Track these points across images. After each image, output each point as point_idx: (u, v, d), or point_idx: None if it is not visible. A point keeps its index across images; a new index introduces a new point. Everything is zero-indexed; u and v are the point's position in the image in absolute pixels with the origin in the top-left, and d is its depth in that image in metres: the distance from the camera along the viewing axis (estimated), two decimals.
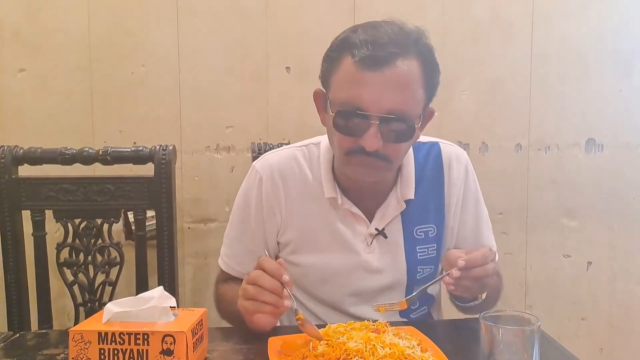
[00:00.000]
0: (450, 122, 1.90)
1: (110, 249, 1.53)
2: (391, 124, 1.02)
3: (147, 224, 1.53)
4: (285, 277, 0.97)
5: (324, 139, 1.20)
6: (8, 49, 1.81)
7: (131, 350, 0.85)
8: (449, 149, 1.24)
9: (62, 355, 0.98)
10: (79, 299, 1.54)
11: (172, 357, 0.85)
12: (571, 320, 1.97)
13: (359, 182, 1.14)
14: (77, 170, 1.52)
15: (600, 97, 1.92)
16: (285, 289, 0.98)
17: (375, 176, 1.10)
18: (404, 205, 1.18)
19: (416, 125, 1.06)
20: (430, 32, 1.82)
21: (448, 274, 0.99)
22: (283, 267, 0.99)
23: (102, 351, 0.86)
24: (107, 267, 1.53)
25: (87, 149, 1.49)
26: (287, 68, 1.85)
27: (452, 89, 1.89)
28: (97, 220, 1.52)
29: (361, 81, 1.01)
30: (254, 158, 1.47)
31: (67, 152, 1.49)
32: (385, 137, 1.03)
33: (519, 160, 1.93)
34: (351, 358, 0.87)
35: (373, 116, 1.01)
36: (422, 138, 1.23)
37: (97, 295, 1.54)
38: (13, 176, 1.48)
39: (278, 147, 1.37)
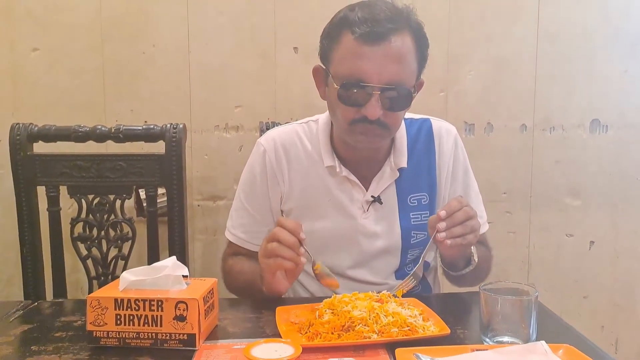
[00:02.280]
0: (456, 102, 1.92)
1: (123, 224, 1.57)
2: (390, 94, 1.11)
3: (157, 200, 1.57)
4: (302, 235, 1.04)
5: (321, 116, 1.30)
6: (22, 28, 1.84)
7: (146, 315, 0.90)
8: (440, 124, 1.32)
9: (79, 322, 1.03)
10: (93, 273, 1.58)
11: (184, 322, 0.89)
12: (573, 298, 2.00)
13: (357, 151, 1.22)
14: (89, 147, 1.55)
15: (606, 77, 1.93)
16: (302, 247, 1.04)
17: (376, 143, 1.18)
18: (398, 174, 1.25)
19: (413, 95, 1.14)
20: (437, 12, 1.86)
21: (437, 231, 1.04)
22: (300, 226, 1.06)
23: (118, 316, 0.90)
24: (119, 241, 1.57)
25: (100, 126, 1.53)
26: (295, 48, 1.87)
27: (458, 69, 1.91)
28: (109, 196, 1.56)
29: (362, 55, 1.09)
30: None
31: (80, 129, 1.52)
32: (385, 106, 1.11)
33: (523, 141, 1.95)
34: (355, 325, 0.91)
35: (375, 87, 1.09)
36: (415, 115, 1.32)
37: (110, 269, 1.58)
38: (28, 153, 1.52)
39: None
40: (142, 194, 1.78)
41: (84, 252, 1.57)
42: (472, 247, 1.15)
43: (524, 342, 0.87)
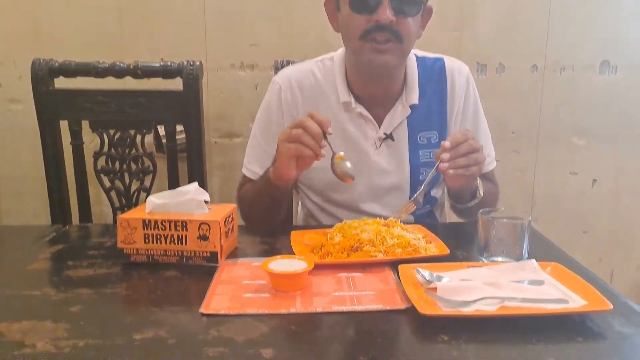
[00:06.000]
0: (469, 43, 1.94)
1: (144, 158, 1.64)
2: None
3: (176, 137, 1.63)
4: (330, 130, 1.07)
5: (336, 54, 1.32)
6: None
7: (172, 235, 0.98)
8: (452, 63, 1.34)
9: (109, 243, 1.12)
10: (117, 204, 1.67)
11: (207, 241, 0.97)
12: (573, 232, 2.08)
13: (371, 86, 1.25)
14: (108, 83, 1.59)
15: (618, 19, 1.93)
16: (325, 140, 1.07)
17: (388, 61, 1.18)
18: (409, 110, 1.28)
19: (422, 3, 1.18)
20: None
21: (441, 161, 1.08)
22: (329, 121, 1.08)
23: (146, 236, 0.99)
24: (141, 174, 1.64)
25: (118, 63, 1.57)
26: None
27: (471, 10, 1.91)
28: (130, 131, 1.62)
29: None
30: None
31: (100, 65, 1.56)
32: (396, 11, 1.14)
33: (534, 81, 1.97)
34: (363, 246, 0.99)
35: None
36: (428, 53, 1.34)
37: (133, 201, 1.66)
38: (50, 88, 1.57)
39: None
40: (161, 130, 1.84)
41: (108, 184, 1.65)
42: (477, 181, 1.20)
43: (517, 261, 0.94)
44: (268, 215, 1.28)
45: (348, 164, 1.09)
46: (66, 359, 0.68)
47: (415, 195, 1.17)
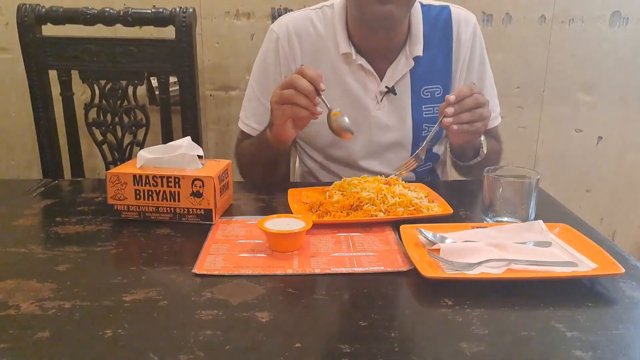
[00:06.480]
0: None
1: (136, 111, 1.58)
2: None
3: (170, 89, 1.57)
4: (322, 85, 1.01)
5: (337, 1, 1.25)
6: None
7: (164, 191, 0.94)
8: (459, 12, 1.26)
9: (100, 198, 1.08)
10: (109, 157, 1.62)
11: (201, 198, 0.93)
12: (576, 191, 2.05)
13: (372, 35, 1.19)
14: (98, 31, 1.53)
15: None
16: (318, 97, 1.02)
17: (392, 11, 1.10)
18: (413, 63, 1.22)
19: None
20: None
21: (445, 116, 1.02)
22: (320, 76, 1.02)
23: (137, 192, 0.95)
24: (133, 128, 1.59)
25: (108, 9, 1.50)
26: None
27: None
28: (121, 82, 1.56)
29: None
30: None
31: (88, 12, 1.49)
32: None
33: (541, 33, 1.90)
34: (363, 205, 0.95)
35: None
36: (434, 2, 1.27)
37: (126, 155, 1.62)
38: (37, 35, 1.50)
39: None
40: (154, 82, 1.78)
41: (100, 137, 1.60)
42: (481, 138, 1.15)
43: (523, 222, 0.90)
44: (268, 173, 1.24)
45: (346, 119, 1.04)
46: (51, 321, 0.65)
47: (417, 151, 1.12)
